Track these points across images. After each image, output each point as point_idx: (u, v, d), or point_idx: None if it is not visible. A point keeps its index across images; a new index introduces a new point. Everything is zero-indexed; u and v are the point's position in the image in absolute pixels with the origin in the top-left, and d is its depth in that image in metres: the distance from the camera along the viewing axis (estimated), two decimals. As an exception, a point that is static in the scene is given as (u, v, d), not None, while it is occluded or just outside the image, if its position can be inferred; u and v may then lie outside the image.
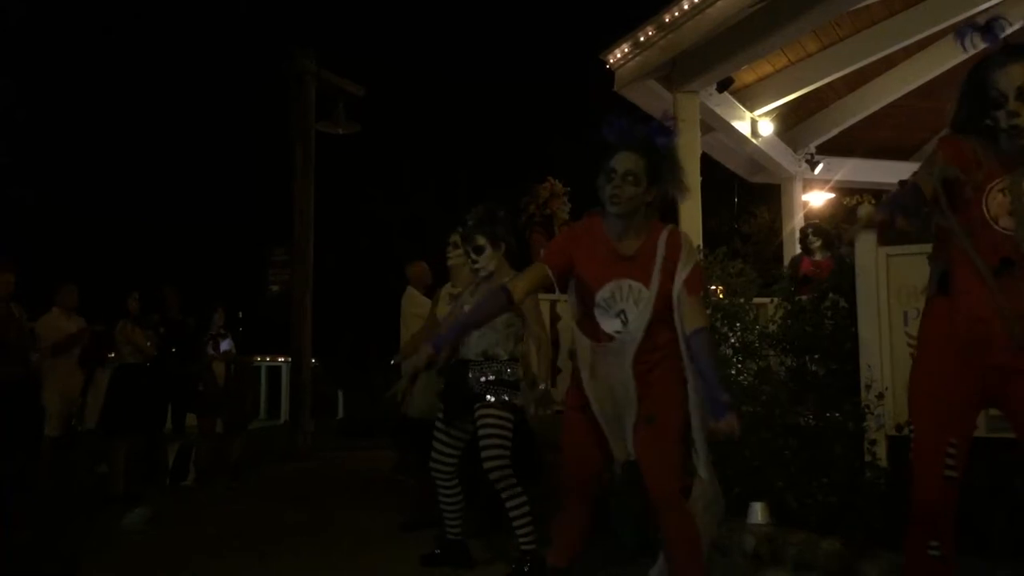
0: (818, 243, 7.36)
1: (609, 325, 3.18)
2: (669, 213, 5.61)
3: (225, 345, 8.29)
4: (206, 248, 22.07)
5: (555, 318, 7.14)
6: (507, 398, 4.32)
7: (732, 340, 5.38)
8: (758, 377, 5.13)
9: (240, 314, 9.12)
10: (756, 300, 5.76)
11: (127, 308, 7.73)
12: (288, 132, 12.00)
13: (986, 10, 7.53)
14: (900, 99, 9.19)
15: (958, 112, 2.69)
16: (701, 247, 6.33)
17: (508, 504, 4.29)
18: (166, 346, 8.22)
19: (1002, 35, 2.61)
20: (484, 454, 4.26)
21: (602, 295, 3.17)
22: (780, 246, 10.73)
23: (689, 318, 3.11)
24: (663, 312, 3.15)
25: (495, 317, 3.63)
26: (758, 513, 4.22)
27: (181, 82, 23.75)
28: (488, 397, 4.31)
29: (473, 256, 4.41)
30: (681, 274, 3.12)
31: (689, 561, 3.11)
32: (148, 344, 7.76)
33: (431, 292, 8.88)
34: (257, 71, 18.18)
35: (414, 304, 8.77)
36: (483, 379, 4.35)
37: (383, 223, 20.35)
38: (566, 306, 7.07)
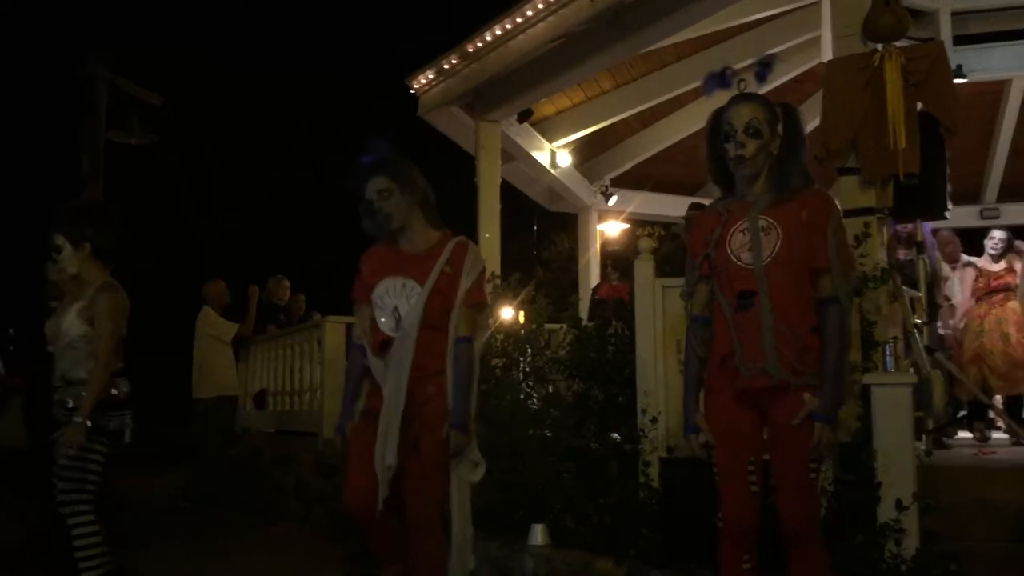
0: (616, 276, 8.11)
1: (386, 324, 3.29)
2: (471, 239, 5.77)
3: (-8, 365, 7.68)
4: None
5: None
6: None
7: (523, 365, 5.53)
8: (546, 401, 5.29)
9: (11, 330, 8.49)
10: (548, 326, 5.94)
11: None
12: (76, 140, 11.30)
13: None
14: (687, 137, 9.66)
15: (707, 155, 3.07)
16: (497, 273, 6.49)
17: (76, 533, 3.76)
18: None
19: (733, 82, 3.06)
20: (57, 486, 3.80)
21: (377, 292, 3.32)
22: (578, 273, 11.08)
23: (459, 327, 3.29)
24: (439, 318, 3.27)
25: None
26: (538, 535, 4.35)
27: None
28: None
29: (53, 256, 3.86)
30: (464, 284, 3.30)
31: None
32: None
33: (228, 312, 8.65)
34: (49, 75, 16.92)
35: (209, 324, 8.52)
36: (66, 408, 3.82)
37: (188, 236, 19.55)
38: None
